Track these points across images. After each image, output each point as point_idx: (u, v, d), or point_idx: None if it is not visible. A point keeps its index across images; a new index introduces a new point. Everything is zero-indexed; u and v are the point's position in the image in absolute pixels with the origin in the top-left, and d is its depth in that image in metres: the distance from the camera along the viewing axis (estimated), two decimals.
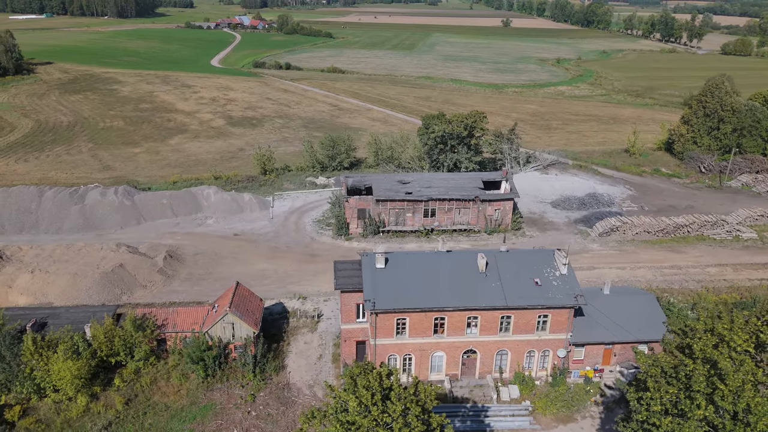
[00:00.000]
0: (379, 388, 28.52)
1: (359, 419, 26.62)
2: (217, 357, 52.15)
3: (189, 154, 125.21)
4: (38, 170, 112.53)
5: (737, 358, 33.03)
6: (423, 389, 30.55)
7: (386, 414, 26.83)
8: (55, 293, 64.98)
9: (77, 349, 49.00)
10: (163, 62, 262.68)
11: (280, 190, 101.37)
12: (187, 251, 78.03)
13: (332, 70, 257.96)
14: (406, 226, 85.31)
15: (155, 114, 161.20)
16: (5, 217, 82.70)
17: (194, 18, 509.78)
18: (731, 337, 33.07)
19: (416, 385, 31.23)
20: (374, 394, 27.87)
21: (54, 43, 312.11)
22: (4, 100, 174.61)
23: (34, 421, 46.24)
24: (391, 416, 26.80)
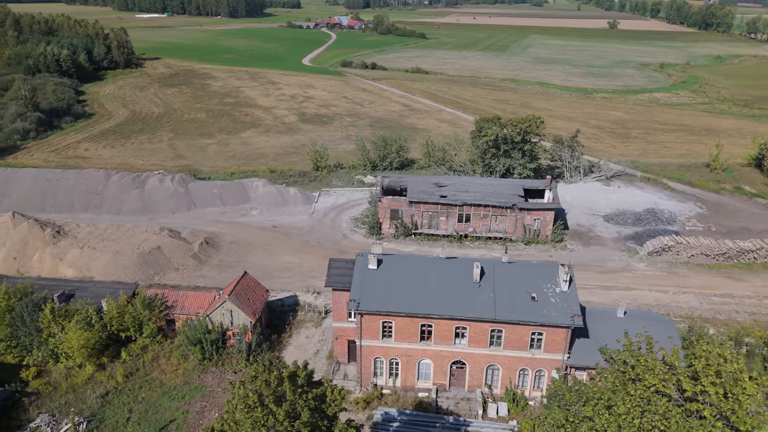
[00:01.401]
0: (269, 390, 28.65)
1: (243, 417, 26.99)
2: (214, 341, 54.63)
3: (255, 147, 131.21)
4: (120, 156, 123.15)
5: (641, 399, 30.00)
6: (330, 394, 30.21)
7: (270, 417, 26.96)
8: (98, 269, 71.09)
9: (90, 321, 53.41)
10: (258, 60, 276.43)
11: (328, 187, 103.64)
12: (224, 239, 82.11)
13: (416, 70, 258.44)
14: (439, 229, 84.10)
15: (236, 108, 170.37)
16: (75, 196, 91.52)
17: (297, 18, 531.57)
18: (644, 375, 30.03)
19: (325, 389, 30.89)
20: (261, 395, 28.14)
21: (165, 40, 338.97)
22: (110, 91, 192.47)
23: (45, 382, 51.09)
24: (276, 419, 26.88)
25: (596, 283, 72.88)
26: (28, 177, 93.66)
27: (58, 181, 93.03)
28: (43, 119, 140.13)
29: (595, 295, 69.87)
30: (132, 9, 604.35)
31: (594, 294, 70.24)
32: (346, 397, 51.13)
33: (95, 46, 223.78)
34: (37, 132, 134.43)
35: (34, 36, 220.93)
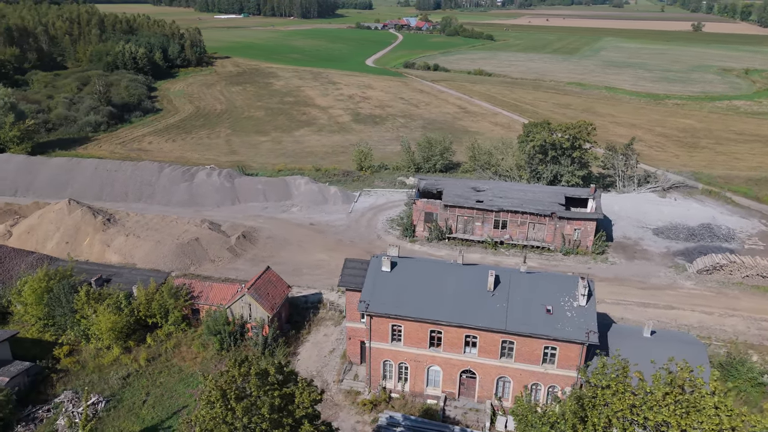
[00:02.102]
0: (233, 386, 29.04)
1: (204, 414, 27.53)
2: (233, 333, 56.22)
3: (306, 146, 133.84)
4: (179, 149, 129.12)
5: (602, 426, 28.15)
6: (299, 396, 30.16)
7: (231, 412, 27.36)
8: (140, 256, 74.88)
9: (120, 306, 56.37)
10: (322, 60, 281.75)
11: (370, 187, 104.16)
12: (261, 234, 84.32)
13: (478, 72, 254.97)
14: (474, 235, 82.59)
15: (294, 107, 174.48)
16: (130, 186, 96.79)
17: (366, 19, 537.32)
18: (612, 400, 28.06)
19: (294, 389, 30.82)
20: (224, 390, 28.57)
21: (238, 40, 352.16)
22: (180, 87, 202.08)
23: (75, 361, 54.38)
24: (235, 415, 27.23)
25: (634, 300, 69.24)
26: (90, 167, 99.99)
27: (116, 171, 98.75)
28: (114, 113, 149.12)
29: (630, 312, 66.41)
30: (212, 10, 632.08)
31: (630, 311, 66.77)
32: (356, 398, 51.56)
33: (170, 45, 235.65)
34: (108, 125, 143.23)
35: (116, 35, 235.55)
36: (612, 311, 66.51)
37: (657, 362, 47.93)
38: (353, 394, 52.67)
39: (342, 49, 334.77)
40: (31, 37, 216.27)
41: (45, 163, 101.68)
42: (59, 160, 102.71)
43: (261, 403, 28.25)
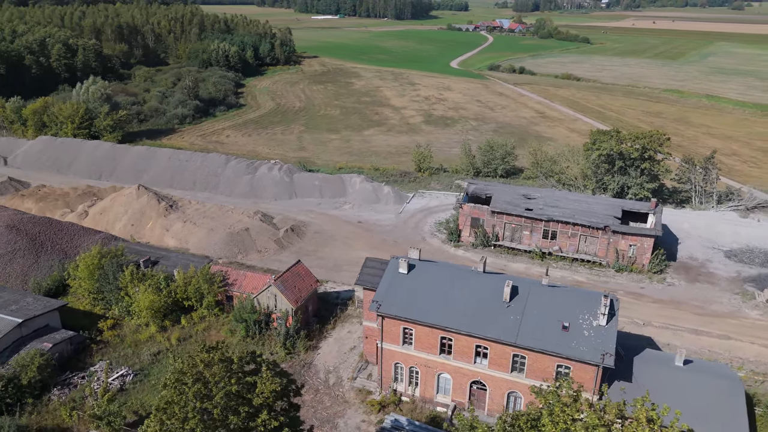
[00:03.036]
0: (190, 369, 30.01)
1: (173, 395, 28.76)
2: (258, 322, 58.24)
3: (372, 145, 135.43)
4: (253, 143, 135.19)
5: None
6: (261, 385, 30.51)
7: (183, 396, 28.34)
8: (193, 242, 79.44)
9: (159, 287, 60.20)
10: (408, 61, 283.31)
11: (425, 189, 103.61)
12: (310, 228, 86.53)
13: (566, 76, 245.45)
14: (521, 244, 79.88)
15: (368, 107, 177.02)
16: (198, 176, 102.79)
17: (459, 21, 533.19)
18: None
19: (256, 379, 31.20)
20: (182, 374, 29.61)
21: (329, 40, 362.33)
22: (266, 85, 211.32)
23: (115, 334, 58.77)
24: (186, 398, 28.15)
25: (687, 326, 63.98)
26: (164, 156, 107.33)
27: (187, 161, 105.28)
28: (201, 107, 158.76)
29: (679, 338, 61.47)
30: (310, 11, 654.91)
31: (679, 337, 61.82)
32: (366, 397, 51.77)
33: (261, 44, 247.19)
34: (193, 118, 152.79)
35: (213, 34, 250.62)
36: (658, 336, 61.98)
37: (684, 395, 44.34)
38: (364, 393, 52.85)
39: (429, 50, 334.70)
40: (139, 34, 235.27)
41: (127, 150, 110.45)
42: (139, 149, 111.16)
43: (217, 389, 29.27)
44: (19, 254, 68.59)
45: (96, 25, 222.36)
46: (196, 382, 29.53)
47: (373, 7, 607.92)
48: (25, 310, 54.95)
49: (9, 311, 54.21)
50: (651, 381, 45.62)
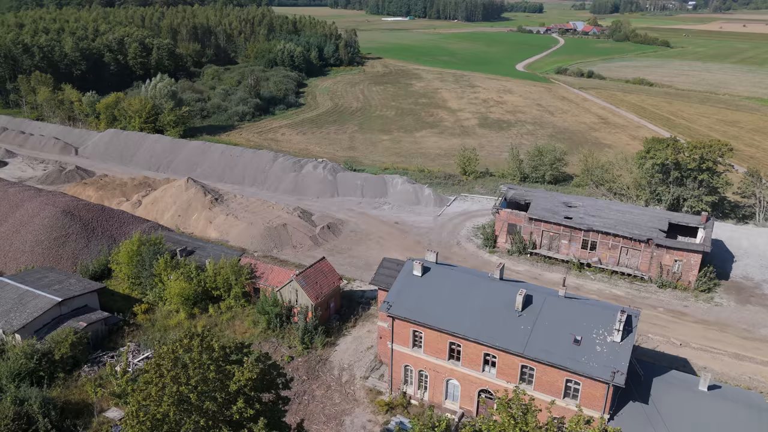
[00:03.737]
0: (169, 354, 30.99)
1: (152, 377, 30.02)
2: (279, 315, 59.60)
3: (422, 146, 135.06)
4: (305, 142, 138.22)
5: None
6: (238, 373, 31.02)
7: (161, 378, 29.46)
8: (233, 235, 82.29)
9: (190, 275, 62.86)
10: (472, 63, 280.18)
11: (469, 192, 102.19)
12: (347, 227, 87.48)
13: (638, 81, 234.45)
14: (559, 253, 77.25)
15: (424, 108, 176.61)
16: (247, 172, 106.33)
17: (531, 23, 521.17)
18: None
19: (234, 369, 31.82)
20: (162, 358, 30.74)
21: (395, 42, 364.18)
22: (327, 85, 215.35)
23: (148, 318, 61.89)
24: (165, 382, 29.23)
25: (730, 350, 59.75)
26: (217, 151, 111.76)
27: (238, 157, 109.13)
28: (261, 105, 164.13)
29: (719, 363, 57.56)
30: (381, 13, 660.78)
31: (718, 361, 57.88)
32: (376, 397, 51.88)
33: (326, 45, 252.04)
34: (253, 115, 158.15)
35: (281, 34, 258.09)
36: (695, 358, 58.31)
37: (704, 422, 41.62)
38: (374, 393, 52.92)
39: (496, 52, 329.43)
40: (212, 35, 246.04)
41: (184, 145, 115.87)
42: (195, 143, 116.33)
43: (194, 374, 30.28)
44: (72, 238, 73.60)
45: (173, 26, 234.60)
46: (175, 366, 30.78)
47: (443, 9, 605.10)
48: (66, 290, 58.94)
49: (51, 290, 58.31)
50: (669, 404, 43.05)
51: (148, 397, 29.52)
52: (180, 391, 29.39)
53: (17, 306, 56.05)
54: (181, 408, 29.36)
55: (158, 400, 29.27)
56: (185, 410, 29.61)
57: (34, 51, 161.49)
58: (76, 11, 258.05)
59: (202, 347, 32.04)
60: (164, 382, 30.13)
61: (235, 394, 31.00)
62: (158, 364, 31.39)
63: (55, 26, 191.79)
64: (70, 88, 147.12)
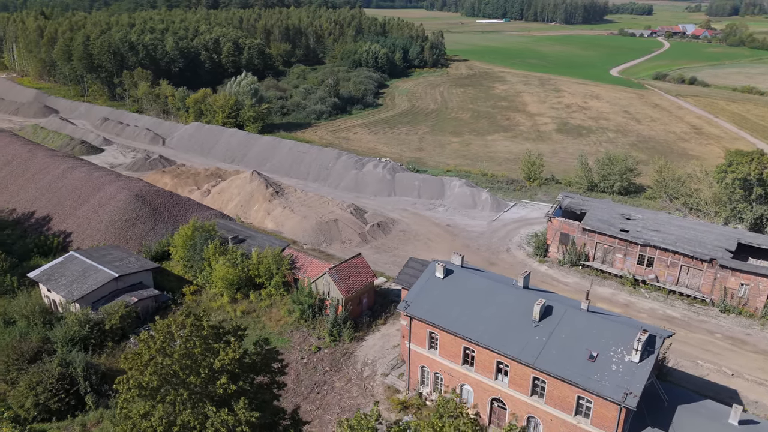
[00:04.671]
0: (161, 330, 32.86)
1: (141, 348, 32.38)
2: (312, 306, 61.45)
3: (491, 150, 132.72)
4: (375, 141, 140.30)
5: None
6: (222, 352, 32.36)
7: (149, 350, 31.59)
8: (288, 227, 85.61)
9: (235, 262, 66.34)
10: (562, 66, 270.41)
11: (530, 199, 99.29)
12: (397, 226, 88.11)
13: (747, 90, 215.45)
14: (613, 267, 73.33)
15: (501, 112, 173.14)
16: (311, 168, 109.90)
17: (635, 26, 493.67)
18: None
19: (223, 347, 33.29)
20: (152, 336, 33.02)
21: (485, 44, 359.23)
22: (408, 86, 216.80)
23: (195, 299, 66.09)
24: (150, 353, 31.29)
25: None
26: (286, 147, 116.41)
27: (304, 153, 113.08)
28: (338, 104, 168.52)
29: None
30: (477, 15, 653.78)
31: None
32: (392, 395, 52.37)
33: (411, 46, 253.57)
34: (330, 114, 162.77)
35: (369, 36, 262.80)
36: (747, 390, 53.44)
37: None
38: (392, 391, 53.29)
39: (590, 56, 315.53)
40: (303, 35, 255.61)
41: (257, 140, 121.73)
42: (267, 139, 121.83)
43: (179, 348, 32.26)
44: (141, 220, 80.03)
45: (267, 27, 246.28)
46: (164, 341, 33.02)
47: (541, 11, 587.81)
48: (125, 267, 64.36)
49: (112, 266, 63.91)
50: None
51: (134, 366, 32.09)
52: (164, 363, 31.64)
53: (80, 278, 62.03)
54: (164, 379, 31.63)
55: (143, 369, 31.73)
56: (169, 382, 31.85)
57: (139, 49, 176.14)
58: (183, 12, 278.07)
59: (194, 326, 34.17)
60: (151, 353, 32.57)
61: (219, 371, 32.82)
62: (150, 337, 33.93)
63: (161, 26, 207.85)
64: (166, 84, 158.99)
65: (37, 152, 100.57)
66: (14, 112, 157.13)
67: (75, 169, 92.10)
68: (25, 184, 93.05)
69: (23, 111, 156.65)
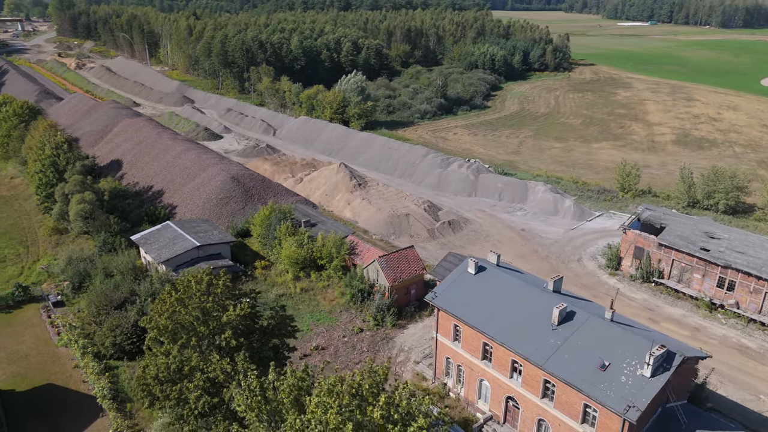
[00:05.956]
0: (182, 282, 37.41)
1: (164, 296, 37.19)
2: (361, 290, 64.87)
3: (593, 158, 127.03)
4: (471, 143, 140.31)
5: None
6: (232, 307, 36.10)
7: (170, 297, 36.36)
8: (363, 217, 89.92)
9: (301, 243, 71.76)
10: (701, 74, 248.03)
11: (619, 210, 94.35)
12: (469, 226, 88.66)
13: None
14: (689, 288, 68.29)
15: (617, 119, 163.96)
16: (399, 164, 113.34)
17: None
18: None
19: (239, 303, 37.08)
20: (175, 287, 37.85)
21: (619, 48, 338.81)
22: (522, 89, 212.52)
23: (264, 274, 72.51)
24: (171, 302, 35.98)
25: None
26: (379, 143, 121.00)
27: (395, 150, 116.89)
28: (444, 105, 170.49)
29: None
30: (620, 17, 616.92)
31: None
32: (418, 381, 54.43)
33: (533, 49, 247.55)
34: (434, 114, 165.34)
35: (491, 38, 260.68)
36: None
37: None
38: (419, 378, 55.04)
39: (742, 63, 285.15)
40: (423, 37, 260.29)
41: (355, 135, 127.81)
42: (363, 135, 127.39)
43: (192, 301, 36.89)
44: (233, 200, 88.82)
45: (389, 28, 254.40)
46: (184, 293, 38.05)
47: (693, 14, 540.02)
48: (207, 238, 72.44)
49: (196, 236, 72.30)
50: None
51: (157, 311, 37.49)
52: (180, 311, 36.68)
53: (169, 244, 71.05)
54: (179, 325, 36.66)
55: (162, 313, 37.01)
56: (184, 328, 36.84)
57: (267, 47, 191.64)
58: (315, 14, 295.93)
59: (210, 284, 38.97)
60: (171, 302, 37.78)
61: (226, 325, 37.24)
62: (174, 289, 39.30)
63: (290, 26, 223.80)
64: (286, 80, 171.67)
65: (163, 135, 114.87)
66: (159, 101, 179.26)
67: (189, 152, 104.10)
68: (150, 162, 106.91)
69: (166, 100, 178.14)
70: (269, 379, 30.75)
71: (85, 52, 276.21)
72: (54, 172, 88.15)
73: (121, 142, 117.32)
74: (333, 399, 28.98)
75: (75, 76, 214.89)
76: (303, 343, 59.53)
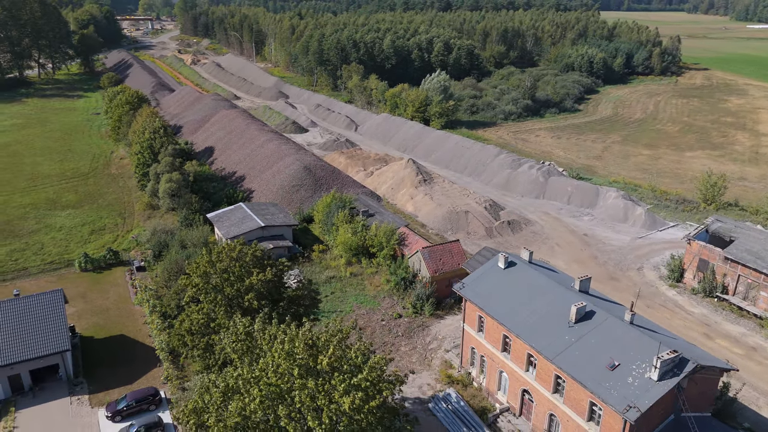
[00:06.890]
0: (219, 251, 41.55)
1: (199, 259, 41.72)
2: (404, 279, 67.30)
3: (682, 167, 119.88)
4: (552, 146, 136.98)
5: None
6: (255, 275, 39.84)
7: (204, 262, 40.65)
8: (423, 212, 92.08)
9: (355, 231, 75.46)
10: None
11: (697, 222, 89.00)
12: (530, 228, 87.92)
13: None
14: (755, 306, 63.90)
15: (721, 128, 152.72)
16: (470, 163, 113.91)
17: None
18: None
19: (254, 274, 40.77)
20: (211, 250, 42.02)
21: (740, 52, 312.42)
22: (620, 93, 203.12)
23: (319, 256, 77.03)
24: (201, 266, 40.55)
25: None
26: (452, 141, 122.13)
27: (467, 149, 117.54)
28: (531, 106, 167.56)
29: None
30: (750, 19, 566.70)
31: None
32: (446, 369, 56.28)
33: (638, 52, 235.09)
34: (519, 116, 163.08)
35: (593, 40, 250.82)
36: None
37: None
38: (447, 365, 56.58)
39: None
40: (520, 38, 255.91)
41: (430, 133, 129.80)
42: (438, 133, 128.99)
43: (221, 265, 41.25)
44: (303, 188, 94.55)
45: (486, 29, 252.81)
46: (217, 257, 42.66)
47: None
48: (271, 220, 78.27)
49: (262, 218, 78.33)
50: None
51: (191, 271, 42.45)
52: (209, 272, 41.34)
53: (238, 222, 77.65)
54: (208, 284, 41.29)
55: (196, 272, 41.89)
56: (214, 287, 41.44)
57: (360, 46, 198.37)
58: (414, 14, 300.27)
59: (241, 252, 43.36)
60: (203, 263, 42.52)
61: (248, 288, 41.38)
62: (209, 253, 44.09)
63: (385, 26, 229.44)
64: (374, 78, 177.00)
65: (251, 125, 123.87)
66: (258, 95, 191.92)
67: (270, 142, 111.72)
68: (237, 150, 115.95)
69: (264, 94, 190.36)
70: (255, 327, 34.45)
71: (201, 49, 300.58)
72: (150, 154, 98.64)
73: (215, 131, 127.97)
74: (290, 346, 32.36)
75: (189, 71, 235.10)
76: (342, 322, 62.96)
